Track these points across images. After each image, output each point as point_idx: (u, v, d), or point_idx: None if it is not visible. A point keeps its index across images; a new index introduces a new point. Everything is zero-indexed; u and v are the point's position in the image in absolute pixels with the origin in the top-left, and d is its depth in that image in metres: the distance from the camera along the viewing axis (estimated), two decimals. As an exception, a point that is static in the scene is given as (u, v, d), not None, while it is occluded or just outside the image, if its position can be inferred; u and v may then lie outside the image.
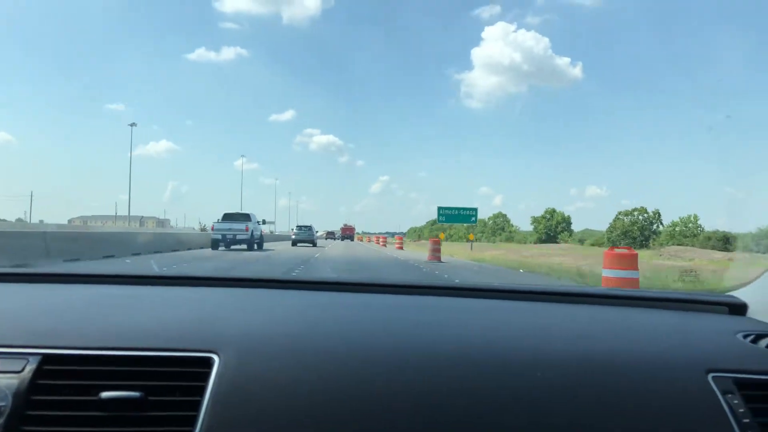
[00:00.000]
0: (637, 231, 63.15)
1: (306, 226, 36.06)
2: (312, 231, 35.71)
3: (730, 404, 0.89)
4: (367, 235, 68.67)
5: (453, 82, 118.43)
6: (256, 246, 24.20)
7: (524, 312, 1.29)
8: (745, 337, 1.09)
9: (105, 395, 0.85)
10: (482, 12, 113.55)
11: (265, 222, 28.18)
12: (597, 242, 63.50)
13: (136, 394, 0.85)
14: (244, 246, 23.20)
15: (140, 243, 19.59)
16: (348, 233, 65.95)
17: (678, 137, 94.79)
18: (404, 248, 33.47)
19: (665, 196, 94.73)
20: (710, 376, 0.93)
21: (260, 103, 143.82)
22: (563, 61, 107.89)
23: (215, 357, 0.91)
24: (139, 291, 1.37)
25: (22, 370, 0.88)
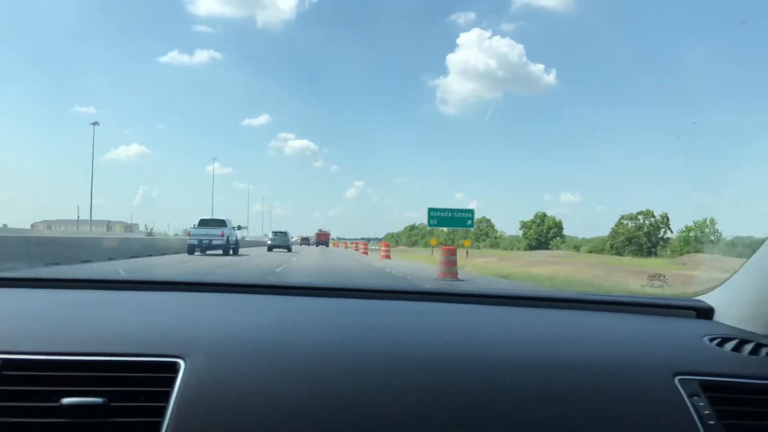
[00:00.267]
0: (644, 237, 57.38)
1: (282, 232, 36.61)
2: (287, 237, 36.29)
3: (696, 406, 0.90)
4: (343, 241, 64.90)
5: (428, 88, 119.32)
6: (232, 251, 24.53)
7: (497, 316, 1.30)
8: (712, 341, 1.11)
9: (66, 401, 0.83)
10: (457, 18, 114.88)
11: (241, 228, 28.43)
12: (595, 249, 59.03)
13: (99, 400, 0.83)
14: (220, 251, 23.53)
15: (116, 248, 20.02)
16: (323, 239, 63.76)
17: (648, 144, 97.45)
18: (392, 257, 27.58)
19: (637, 202, 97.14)
20: (677, 379, 0.94)
21: (234, 107, 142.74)
22: (537, 68, 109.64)
23: (181, 362, 0.90)
24: (106, 296, 1.35)
25: None
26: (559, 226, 77.47)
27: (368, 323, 1.16)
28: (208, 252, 23.40)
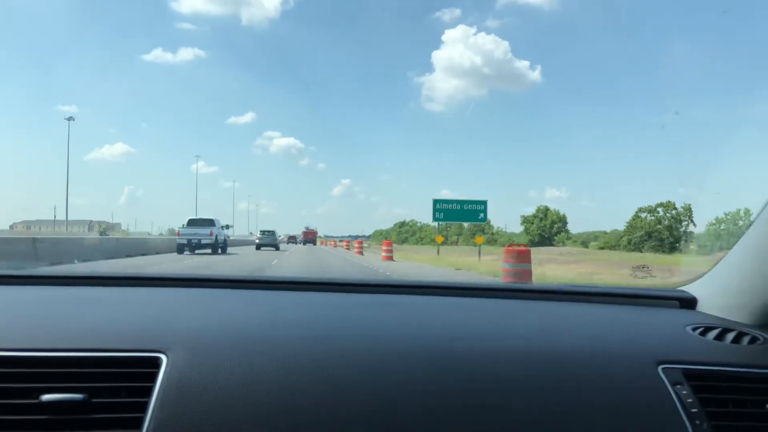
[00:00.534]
0: (665, 231, 53.57)
1: (269, 231, 37.90)
2: (275, 235, 37.55)
3: (679, 395, 0.91)
4: (332, 239, 62.79)
5: (414, 85, 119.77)
6: (220, 250, 25.64)
7: (480, 309, 1.30)
8: (694, 330, 1.13)
9: (46, 398, 0.83)
10: (443, 15, 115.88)
11: (229, 227, 29.75)
12: (606, 244, 54.19)
13: (79, 396, 0.83)
14: (209, 250, 24.68)
15: (111, 247, 21.93)
16: (310, 237, 62.54)
17: (633, 140, 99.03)
18: (395, 257, 22.38)
19: (624, 197, 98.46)
20: (660, 368, 0.96)
21: (219, 105, 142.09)
22: (523, 65, 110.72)
23: (163, 357, 0.90)
24: (87, 292, 1.35)
25: None
26: (563, 221, 73.96)
27: (351, 317, 1.17)
28: (197, 251, 24.46)
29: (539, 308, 1.35)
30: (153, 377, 0.88)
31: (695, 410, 0.90)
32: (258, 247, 34.87)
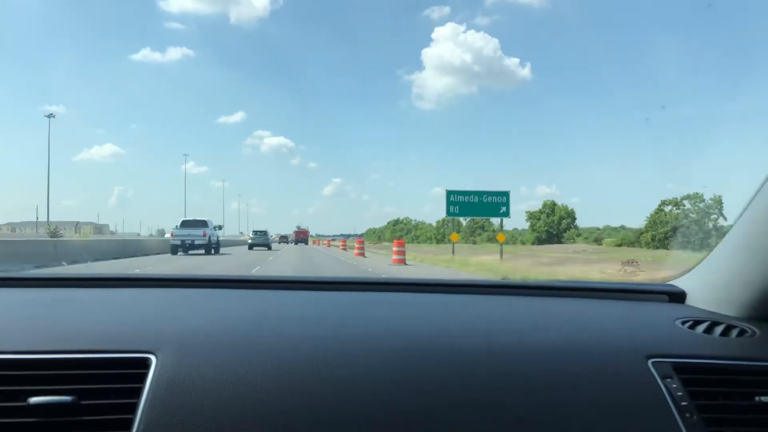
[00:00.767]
0: (694, 225, 47.48)
1: (262, 231, 38.24)
2: (267, 235, 37.94)
3: (669, 388, 0.92)
4: (326, 238, 61.16)
5: (404, 83, 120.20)
6: (213, 250, 25.86)
7: (470, 306, 1.31)
8: (684, 324, 1.14)
9: (34, 400, 0.82)
10: (432, 12, 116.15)
11: (221, 227, 29.80)
12: (624, 241, 49.90)
13: (68, 399, 0.83)
14: (202, 251, 24.87)
15: (113, 249, 22.89)
16: (302, 237, 62.33)
17: (621, 137, 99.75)
18: (407, 260, 18.23)
19: (614, 193, 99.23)
20: (650, 362, 0.96)
21: (208, 105, 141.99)
22: (512, 62, 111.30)
23: (152, 357, 0.90)
24: (76, 294, 1.34)
25: None
26: (572, 216, 69.29)
27: (343, 315, 1.18)
28: (191, 252, 24.70)
29: (529, 304, 1.36)
30: (142, 378, 0.87)
31: (685, 403, 0.91)
32: (251, 247, 35.33)
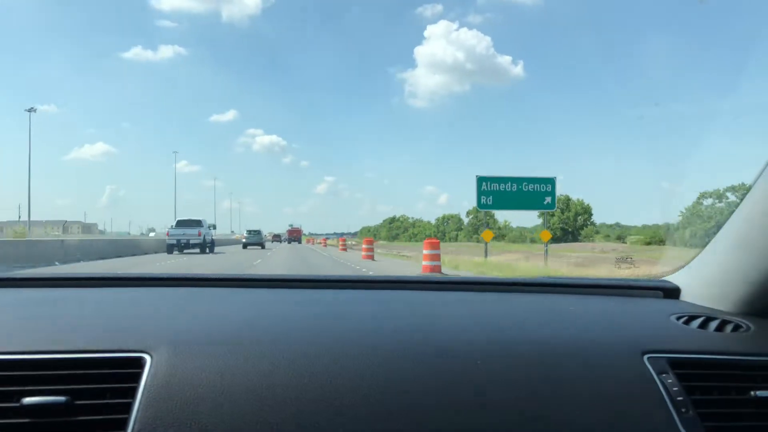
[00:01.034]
0: None
1: (255, 230, 38.53)
2: (261, 234, 38.22)
3: (665, 383, 0.92)
4: (321, 237, 59.63)
5: (397, 81, 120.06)
6: (208, 249, 26.01)
7: (465, 302, 1.31)
8: (678, 319, 1.15)
9: (27, 401, 0.82)
10: (424, 10, 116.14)
11: (215, 227, 29.88)
12: (653, 239, 43.38)
13: (62, 399, 0.82)
14: (197, 250, 25.01)
15: (115, 247, 23.83)
16: (295, 235, 61.85)
17: (614, 134, 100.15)
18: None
19: (604, 192, 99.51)
20: (646, 358, 0.97)
21: (200, 104, 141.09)
22: (505, 60, 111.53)
23: (147, 357, 0.90)
24: (70, 293, 1.34)
25: None
26: (589, 212, 64.66)
27: (337, 313, 1.17)
28: (186, 251, 24.92)
29: (525, 300, 1.36)
30: (137, 378, 0.87)
31: (681, 398, 0.91)
32: (245, 246, 35.55)
